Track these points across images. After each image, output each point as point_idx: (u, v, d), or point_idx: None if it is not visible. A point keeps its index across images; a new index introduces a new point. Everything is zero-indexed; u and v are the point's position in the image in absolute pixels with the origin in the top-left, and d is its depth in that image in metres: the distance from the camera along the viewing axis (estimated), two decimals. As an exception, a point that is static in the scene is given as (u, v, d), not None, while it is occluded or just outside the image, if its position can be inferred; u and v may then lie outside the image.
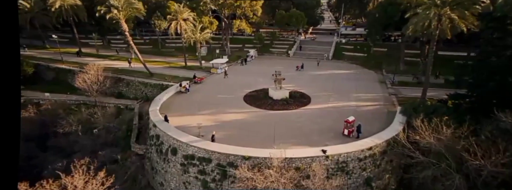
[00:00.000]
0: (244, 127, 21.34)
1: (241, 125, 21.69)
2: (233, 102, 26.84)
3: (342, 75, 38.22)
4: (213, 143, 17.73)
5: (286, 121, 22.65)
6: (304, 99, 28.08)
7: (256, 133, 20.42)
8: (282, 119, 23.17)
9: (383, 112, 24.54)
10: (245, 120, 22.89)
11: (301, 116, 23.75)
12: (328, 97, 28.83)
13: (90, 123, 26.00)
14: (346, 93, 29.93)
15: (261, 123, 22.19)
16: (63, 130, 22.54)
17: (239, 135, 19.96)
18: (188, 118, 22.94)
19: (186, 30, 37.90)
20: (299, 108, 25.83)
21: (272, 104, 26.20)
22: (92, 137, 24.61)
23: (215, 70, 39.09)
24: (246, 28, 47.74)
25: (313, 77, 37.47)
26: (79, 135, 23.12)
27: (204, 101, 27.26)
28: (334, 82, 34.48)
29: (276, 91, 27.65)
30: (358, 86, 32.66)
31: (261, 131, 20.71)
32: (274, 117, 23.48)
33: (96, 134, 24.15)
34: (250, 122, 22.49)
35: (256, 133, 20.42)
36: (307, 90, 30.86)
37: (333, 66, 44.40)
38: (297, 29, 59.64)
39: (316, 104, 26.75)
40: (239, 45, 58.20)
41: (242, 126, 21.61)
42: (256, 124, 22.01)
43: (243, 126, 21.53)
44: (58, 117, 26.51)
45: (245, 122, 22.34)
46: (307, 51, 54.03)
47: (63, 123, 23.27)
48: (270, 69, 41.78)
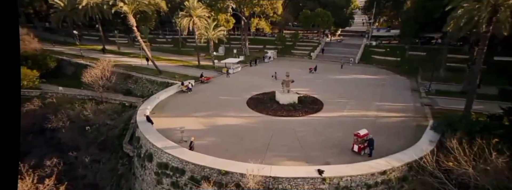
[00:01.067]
0: (237, 134, 18.46)
1: (233, 132, 18.84)
2: (234, 105, 24.14)
3: (367, 81, 33.62)
4: (189, 151, 15.07)
5: (287, 130, 19.32)
6: (315, 105, 24.42)
7: (247, 142, 17.43)
8: (283, 127, 19.88)
9: (410, 126, 20.06)
10: (241, 125, 20.00)
11: (306, 125, 20.23)
12: (345, 104, 24.83)
13: (87, 120, 24.96)
14: (367, 101, 25.65)
15: (257, 131, 19.14)
16: (51, 126, 21.57)
17: (227, 143, 17.13)
18: (179, 120, 20.67)
19: (199, 27, 36.19)
20: (307, 115, 22.29)
21: (276, 109, 23.00)
22: (86, 134, 23.43)
23: (226, 70, 36.80)
24: (265, 27, 44.95)
25: (332, 81, 33.42)
26: (65, 131, 21.98)
27: (203, 102, 24.93)
28: (355, 88, 30.21)
29: (283, 94, 24.39)
30: (383, 94, 28.08)
31: (254, 140, 17.67)
32: (275, 125, 20.27)
33: (89, 131, 22.91)
34: (246, 128, 19.55)
35: (247, 142, 17.43)
36: (321, 95, 27.15)
37: (358, 70, 39.77)
38: (323, 30, 55.49)
39: (328, 112, 22.98)
40: (259, 46, 55.71)
41: (234, 132, 18.75)
42: (251, 132, 19.00)
43: (236, 133, 18.65)
44: (59, 111, 25.91)
45: (240, 128, 19.45)
46: (331, 53, 49.74)
47: (52, 118, 22.32)
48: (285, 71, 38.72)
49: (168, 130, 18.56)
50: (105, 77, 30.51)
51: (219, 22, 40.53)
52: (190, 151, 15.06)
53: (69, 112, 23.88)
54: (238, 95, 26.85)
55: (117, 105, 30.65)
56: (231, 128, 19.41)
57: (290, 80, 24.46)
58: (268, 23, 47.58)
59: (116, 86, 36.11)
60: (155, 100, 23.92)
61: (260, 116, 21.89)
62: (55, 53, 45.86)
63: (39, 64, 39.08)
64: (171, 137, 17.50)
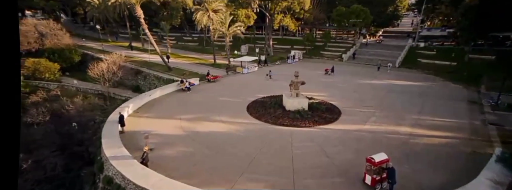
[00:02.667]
0: (217, 145, 14.63)
1: (215, 141, 15.05)
2: (231, 108, 20.40)
3: (407, 87, 27.34)
4: (139, 165, 11.62)
5: (283, 144, 14.92)
6: (330, 114, 19.49)
7: (225, 157, 13.49)
8: (280, 139, 15.52)
9: (461, 153, 14.21)
10: (228, 134, 16.13)
11: (310, 139, 15.58)
12: (369, 115, 19.47)
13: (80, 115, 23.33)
14: (401, 113, 19.92)
15: (244, 142, 15.09)
16: (31, 120, 20.09)
17: (199, 157, 13.39)
18: (160, 122, 17.60)
19: (213, 22, 33.34)
20: (316, 126, 17.55)
21: (279, 116, 18.65)
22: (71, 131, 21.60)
23: (241, 69, 33.32)
24: (290, 24, 40.56)
25: (361, 86, 27.81)
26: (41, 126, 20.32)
27: (198, 103, 21.64)
28: (388, 96, 24.40)
29: (290, 98, 19.94)
30: (426, 105, 21.93)
31: (234, 155, 13.66)
32: (270, 135, 16.01)
33: (76, 128, 21.07)
34: (232, 138, 15.62)
35: (225, 157, 13.49)
36: (341, 102, 22.08)
37: (397, 75, 33.30)
38: (359, 29, 49.12)
39: (344, 124, 17.95)
40: (287, 46, 51.43)
41: (215, 142, 14.95)
42: (236, 143, 15.01)
43: (217, 143, 14.83)
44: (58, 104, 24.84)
45: (225, 138, 15.59)
46: (366, 55, 43.37)
47: (33, 111, 20.86)
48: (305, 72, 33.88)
49: (139, 134, 15.46)
50: (111, 72, 29.18)
51: (238, 18, 37.33)
52: (141, 165, 11.61)
53: (53, 106, 22.37)
54: (241, 97, 23.08)
55: (119, 101, 29.05)
56: (214, 137, 15.64)
57: (299, 82, 19.93)
58: (294, 21, 42.96)
59: (127, 82, 35.09)
60: (145, 98, 21.27)
61: (257, 124, 17.77)
62: (83, 48, 47.04)
63: (64, 58, 39.94)
64: (137, 143, 14.34)
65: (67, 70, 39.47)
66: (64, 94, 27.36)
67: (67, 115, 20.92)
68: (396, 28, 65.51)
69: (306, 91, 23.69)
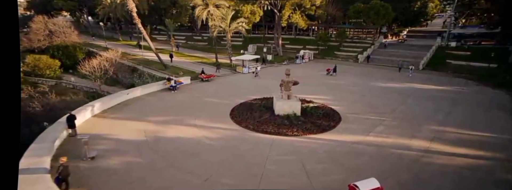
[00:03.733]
0: (175, 156, 11.95)
1: (175, 151, 12.39)
2: (214, 111, 17.71)
3: (430, 92, 23.17)
4: (42, 183, 9.14)
5: (257, 158, 11.91)
6: (327, 120, 16.13)
7: (175, 174, 10.73)
8: (254, 151, 12.53)
9: (501, 181, 10.40)
10: (195, 142, 13.39)
11: (293, 152, 12.42)
12: (376, 123, 15.87)
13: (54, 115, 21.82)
14: (417, 122, 16.10)
15: (210, 154, 12.26)
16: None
17: (142, 172, 10.74)
18: (126, 124, 15.33)
19: (213, 17, 31.05)
20: (306, 135, 14.33)
21: (263, 122, 15.64)
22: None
23: (241, 69, 30.67)
24: (300, 21, 37.21)
25: (372, 89, 24.03)
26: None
27: (180, 104, 19.23)
28: (404, 101, 20.48)
29: (279, 101, 16.86)
30: (452, 113, 17.84)
31: (189, 171, 10.84)
32: (245, 145, 13.07)
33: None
34: (197, 147, 12.86)
35: (175, 174, 10.73)
36: (345, 107, 18.64)
37: (420, 77, 28.95)
38: (379, 28, 44.67)
39: (342, 133, 14.56)
40: (299, 46, 48.11)
41: (175, 152, 12.27)
42: (201, 154, 12.23)
43: (176, 154, 12.15)
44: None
45: (189, 147, 12.88)
46: (385, 56, 38.98)
47: None
48: (312, 73, 30.66)
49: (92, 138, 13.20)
50: (103, 69, 27.81)
51: (243, 14, 34.79)
52: (51, 182, 9.11)
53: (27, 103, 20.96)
54: (231, 98, 20.35)
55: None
56: (177, 145, 13.00)
57: (290, 82, 16.80)
58: (305, 18, 39.56)
59: (124, 80, 33.78)
60: (121, 96, 19.20)
61: (235, 130, 14.90)
62: (91, 46, 46.96)
63: (67, 55, 39.72)
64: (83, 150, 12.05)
65: (71, 68, 39.13)
66: (57, 91, 26.32)
67: (42, 113, 19.35)
68: (425, 27, 59.64)
69: (308, 94, 20.72)
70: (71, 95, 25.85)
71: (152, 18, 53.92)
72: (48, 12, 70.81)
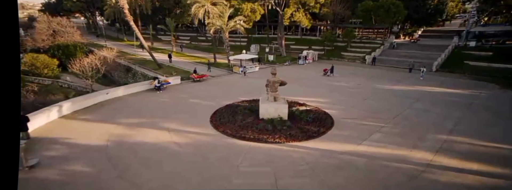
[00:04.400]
0: (129, 166, 10.41)
1: (132, 159, 10.88)
2: (194, 113, 16.20)
3: (443, 96, 20.81)
4: None
5: (225, 169, 10.23)
6: (316, 126, 14.24)
7: (116, 187, 9.20)
8: (225, 161, 10.83)
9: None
10: (160, 148, 11.85)
11: (269, 163, 10.64)
12: (373, 130, 13.85)
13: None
14: (422, 130, 13.94)
15: (172, 163, 10.67)
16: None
17: (79, 186, 9.28)
18: (93, 126, 14.07)
19: (210, 15, 29.73)
20: (289, 142, 12.51)
21: (244, 126, 13.95)
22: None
23: (237, 69, 29.17)
24: (303, 20, 35.26)
25: (376, 92, 21.89)
26: None
27: (160, 105, 17.87)
28: (410, 106, 18.26)
29: (264, 103, 15.12)
30: (467, 120, 15.51)
31: (136, 185, 9.30)
32: (215, 154, 11.40)
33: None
34: (160, 155, 11.29)
35: (116, 187, 9.20)
36: (342, 111, 16.71)
37: (433, 80, 26.46)
38: (389, 27, 42.09)
39: (331, 141, 12.65)
40: (304, 46, 46.29)
41: (131, 161, 10.76)
42: (162, 163, 10.64)
43: (131, 163, 10.62)
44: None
45: (151, 154, 11.34)
46: (395, 57, 36.48)
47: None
48: (313, 74, 28.80)
49: (47, 142, 12.00)
50: (94, 67, 27.01)
51: (243, 12, 33.32)
52: None
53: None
54: (218, 99, 18.82)
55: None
56: (139, 151, 11.51)
57: (276, 82, 15.03)
58: (309, 16, 37.57)
59: (119, 79, 33.06)
60: (99, 96, 18.06)
61: (210, 135, 13.28)
62: (95, 46, 46.89)
63: (68, 54, 39.49)
64: (32, 154, 10.80)
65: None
66: (48, 91, 25.76)
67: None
68: (442, 27, 56.20)
69: (304, 96, 19.11)
70: (50, 95, 25.12)
71: (156, 18, 53.57)
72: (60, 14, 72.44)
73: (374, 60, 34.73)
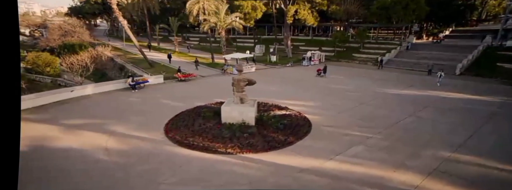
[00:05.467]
0: (28, 179, 8.68)
1: (39, 169, 9.14)
2: (154, 115, 14.36)
3: (462, 103, 17.38)
4: None
5: (141, 188, 8.16)
6: (286, 134, 11.74)
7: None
8: (145, 176, 8.74)
9: None
10: (84, 156, 10.00)
11: (201, 182, 8.40)
12: (356, 142, 11.10)
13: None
14: (418, 143, 10.95)
15: (81, 177, 8.78)
16: None
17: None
18: (29, 126, 12.66)
19: (205, 11, 28.16)
20: (246, 153, 10.18)
21: (200, 132, 11.85)
22: None
23: (231, 69, 27.21)
24: (308, 18, 32.61)
25: (377, 96, 18.86)
26: None
27: (125, 105, 16.34)
28: (415, 113, 15.13)
29: (227, 106, 12.92)
30: (479, 133, 12.21)
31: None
32: (141, 167, 9.33)
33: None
34: (75, 166, 9.34)
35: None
36: (326, 117, 14.14)
37: (452, 84, 22.70)
38: (409, 26, 38.09)
39: (297, 154, 10.15)
40: (315, 47, 43.33)
41: (34, 172, 8.99)
42: (67, 176, 8.77)
43: (31, 175, 8.88)
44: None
45: (66, 164, 9.47)
46: (412, 59, 32.65)
47: None
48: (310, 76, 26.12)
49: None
50: (82, 64, 26.46)
51: (243, 9, 31.46)
52: None
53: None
54: (191, 100, 16.90)
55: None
56: (51, 160, 9.77)
57: (242, 80, 12.76)
58: (316, 14, 34.74)
59: (115, 78, 32.42)
60: (61, 94, 16.92)
61: (153, 141, 11.28)
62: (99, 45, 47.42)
63: (72, 53, 40.02)
64: None
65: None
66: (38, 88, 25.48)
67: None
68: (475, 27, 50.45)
69: (292, 99, 16.80)
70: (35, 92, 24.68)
71: (165, 18, 53.42)
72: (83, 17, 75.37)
73: (381, 62, 31.02)
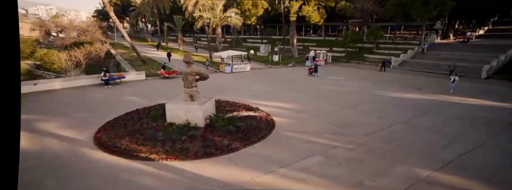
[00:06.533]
0: None
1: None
2: (102, 113, 12.95)
3: (468, 110, 14.26)
4: None
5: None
6: (234, 139, 9.76)
7: None
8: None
9: None
10: None
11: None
12: (315, 151, 8.86)
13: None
14: (394, 157, 8.43)
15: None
16: None
17: None
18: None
19: (200, 7, 26.96)
20: (169, 160, 8.38)
21: (133, 133, 10.27)
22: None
23: (224, 68, 25.72)
24: (312, 15, 30.18)
25: (372, 99, 16.27)
26: None
27: (84, 101, 15.34)
28: (404, 120, 12.45)
29: (173, 104, 11.24)
30: (481, 148, 9.32)
31: None
32: (52, 172, 7.96)
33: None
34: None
35: None
36: (297, 120, 12.05)
37: (471, 88, 19.34)
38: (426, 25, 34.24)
39: (230, 165, 8.18)
40: (325, 48, 40.69)
41: None
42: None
43: None
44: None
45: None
46: (431, 60, 29.06)
47: None
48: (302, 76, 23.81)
49: None
50: (75, 60, 26.47)
51: (243, 6, 29.91)
52: None
53: None
54: (159, 99, 15.50)
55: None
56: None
57: (190, 73, 11.02)
58: (322, 11, 32.19)
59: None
60: (22, 87, 16.25)
61: (72, 142, 9.79)
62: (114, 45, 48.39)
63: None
64: None
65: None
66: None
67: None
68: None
69: (272, 100, 15.09)
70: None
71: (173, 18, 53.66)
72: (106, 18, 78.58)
73: (384, 64, 27.46)
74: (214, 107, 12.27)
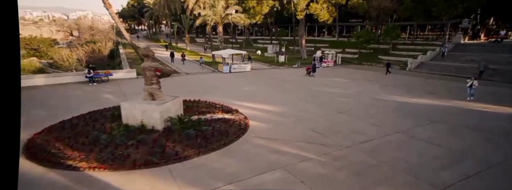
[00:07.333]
0: None
1: None
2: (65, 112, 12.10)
3: (484, 118, 11.84)
4: None
5: None
6: (187, 146, 8.33)
7: None
8: None
9: None
10: None
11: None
12: (277, 165, 7.19)
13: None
14: (374, 178, 6.52)
15: None
16: None
17: None
18: None
19: (201, 5, 25.99)
20: (97, 170, 7.09)
21: (79, 135, 9.13)
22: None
23: (222, 67, 24.55)
24: (320, 13, 28.17)
25: (372, 104, 14.32)
26: None
27: (58, 99, 14.65)
28: (402, 128, 10.36)
29: (129, 103, 10.01)
30: (497, 170, 7.12)
31: None
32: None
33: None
34: None
35: None
36: (275, 126, 10.49)
37: (495, 94, 16.62)
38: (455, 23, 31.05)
39: (171, 178, 6.75)
40: (338, 49, 38.43)
41: None
42: None
43: None
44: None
45: None
46: (454, 62, 26.12)
47: None
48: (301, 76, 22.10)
49: None
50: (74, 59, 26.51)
51: (247, 5, 28.64)
52: None
53: None
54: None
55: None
56: None
57: (148, 68, 9.76)
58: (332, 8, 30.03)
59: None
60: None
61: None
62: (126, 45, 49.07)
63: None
64: None
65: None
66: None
67: None
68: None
69: (258, 102, 13.78)
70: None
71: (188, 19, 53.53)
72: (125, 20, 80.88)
73: (388, 65, 24.61)
74: (181, 107, 10.92)
